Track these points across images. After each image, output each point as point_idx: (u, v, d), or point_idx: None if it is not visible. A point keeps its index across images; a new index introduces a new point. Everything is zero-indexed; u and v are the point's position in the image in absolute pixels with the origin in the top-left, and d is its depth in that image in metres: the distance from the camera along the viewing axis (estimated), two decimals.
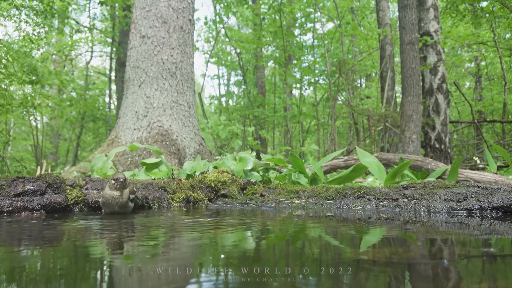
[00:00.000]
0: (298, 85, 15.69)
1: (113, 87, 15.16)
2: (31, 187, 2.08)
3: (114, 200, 2.08)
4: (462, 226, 1.69)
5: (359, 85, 16.61)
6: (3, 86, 9.94)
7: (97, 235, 1.51)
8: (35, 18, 11.23)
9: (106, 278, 0.95)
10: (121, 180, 2.08)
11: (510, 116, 13.39)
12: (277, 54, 14.75)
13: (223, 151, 8.43)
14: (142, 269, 0.98)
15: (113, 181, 2.09)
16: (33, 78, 9.94)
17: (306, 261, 1.07)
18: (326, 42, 12.23)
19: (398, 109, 10.28)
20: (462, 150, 14.71)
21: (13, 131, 16.68)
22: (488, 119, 12.66)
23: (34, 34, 11.42)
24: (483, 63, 15.21)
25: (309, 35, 25.65)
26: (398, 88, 12.58)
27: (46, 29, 11.75)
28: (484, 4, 10.17)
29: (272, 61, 16.06)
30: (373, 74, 16.62)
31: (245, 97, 14.74)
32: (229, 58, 18.58)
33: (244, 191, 2.83)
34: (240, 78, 17.52)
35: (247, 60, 16.38)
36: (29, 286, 0.85)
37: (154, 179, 2.88)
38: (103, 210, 2.20)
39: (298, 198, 2.58)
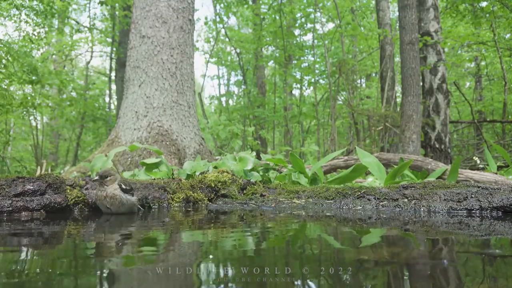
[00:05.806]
0: (298, 85, 15.69)
1: (113, 87, 15.17)
2: (31, 187, 2.08)
3: (100, 198, 2.09)
4: (462, 226, 1.69)
5: (359, 85, 16.58)
6: (3, 86, 9.94)
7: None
8: (35, 18, 11.22)
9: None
10: (96, 177, 2.09)
11: (510, 116, 13.38)
12: (277, 54, 14.74)
13: (223, 151, 8.43)
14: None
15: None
16: (33, 78, 9.94)
17: (306, 261, 1.07)
18: (326, 42, 12.22)
19: (398, 109, 10.27)
20: (462, 150, 14.71)
21: (13, 131, 16.68)
22: (488, 119, 12.66)
23: (34, 34, 11.42)
24: (483, 63, 15.19)
25: (309, 35, 25.67)
26: (398, 88, 12.56)
27: (46, 29, 11.75)
28: (484, 4, 10.17)
29: (272, 61, 16.06)
30: (373, 74, 16.61)
31: (245, 97, 14.73)
32: (229, 58, 18.56)
33: (244, 191, 2.83)
34: (240, 78, 17.52)
35: (247, 60, 16.37)
36: None
37: (154, 179, 2.87)
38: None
39: (298, 198, 2.58)
